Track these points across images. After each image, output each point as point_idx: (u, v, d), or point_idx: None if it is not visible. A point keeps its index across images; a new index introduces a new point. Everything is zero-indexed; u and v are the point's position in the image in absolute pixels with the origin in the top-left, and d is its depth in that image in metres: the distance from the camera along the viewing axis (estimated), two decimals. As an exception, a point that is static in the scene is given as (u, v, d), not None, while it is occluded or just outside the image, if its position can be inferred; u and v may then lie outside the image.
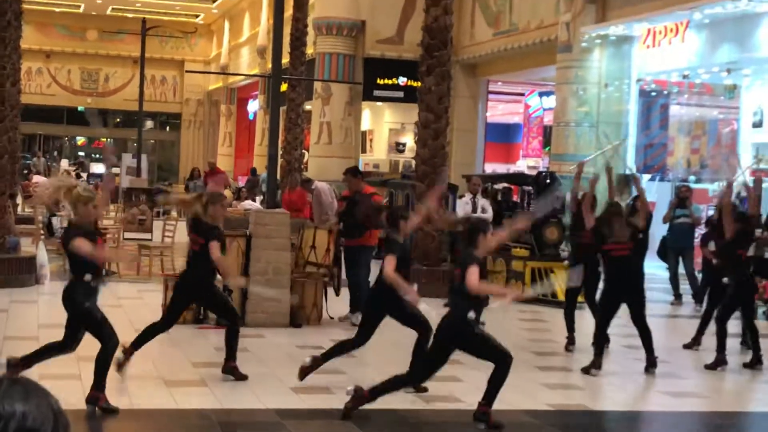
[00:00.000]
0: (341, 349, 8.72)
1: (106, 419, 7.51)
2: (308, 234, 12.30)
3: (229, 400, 8.03)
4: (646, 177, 20.98)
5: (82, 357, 9.13)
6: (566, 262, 12.11)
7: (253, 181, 30.99)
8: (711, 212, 17.59)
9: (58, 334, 10.51)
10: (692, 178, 20.70)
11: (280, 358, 9.85)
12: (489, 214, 14.70)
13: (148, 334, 8.86)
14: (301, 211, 17.65)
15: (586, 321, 11.93)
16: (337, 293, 12.39)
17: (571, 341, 11.27)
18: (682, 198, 15.86)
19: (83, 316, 7.65)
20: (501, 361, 7.46)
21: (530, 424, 7.89)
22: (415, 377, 7.61)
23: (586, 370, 9.79)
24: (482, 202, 14.73)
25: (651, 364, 9.99)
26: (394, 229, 8.68)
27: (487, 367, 9.73)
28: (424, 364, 7.58)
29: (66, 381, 8.08)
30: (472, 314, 7.42)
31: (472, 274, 7.40)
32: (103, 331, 7.60)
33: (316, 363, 8.60)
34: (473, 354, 7.63)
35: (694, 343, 11.53)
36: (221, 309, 9.03)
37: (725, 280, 10.65)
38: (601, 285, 11.56)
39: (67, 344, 7.85)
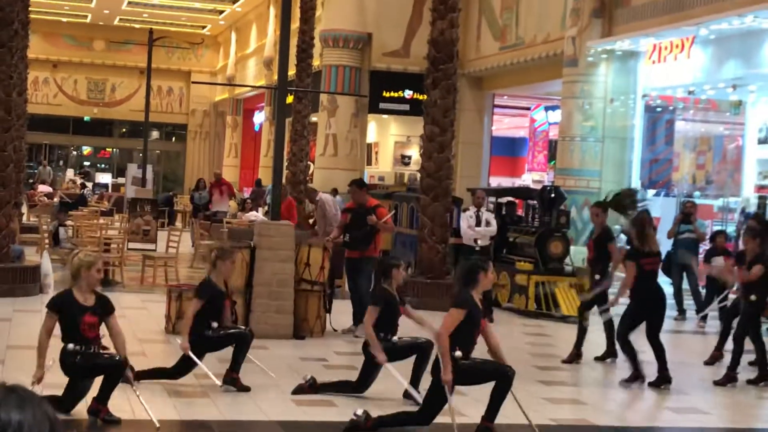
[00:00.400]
0: (342, 388, 8.75)
1: (107, 430, 7.49)
2: (303, 251, 12.24)
3: (231, 411, 8.02)
4: (651, 192, 20.98)
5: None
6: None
7: (257, 192, 30.99)
8: (716, 228, 17.60)
9: (61, 344, 10.51)
10: (697, 193, 20.69)
11: (283, 369, 9.83)
12: (493, 228, 14.68)
13: (156, 374, 8.86)
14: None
15: (593, 335, 11.91)
16: (328, 310, 12.34)
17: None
18: (686, 213, 15.85)
19: (78, 373, 7.55)
20: (502, 376, 7.44)
21: (533, 438, 7.85)
22: (422, 418, 7.58)
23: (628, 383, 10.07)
24: (486, 215, 14.70)
25: (665, 379, 10.00)
26: (387, 279, 8.68)
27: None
28: (428, 405, 7.56)
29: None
30: (458, 353, 7.38)
31: (446, 318, 7.42)
32: (103, 365, 7.52)
33: (314, 389, 8.63)
34: (473, 384, 7.62)
35: (715, 360, 11.49)
36: (231, 341, 8.97)
37: (752, 297, 10.60)
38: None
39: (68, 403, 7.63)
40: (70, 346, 7.46)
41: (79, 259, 7.57)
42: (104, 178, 44.81)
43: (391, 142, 31.30)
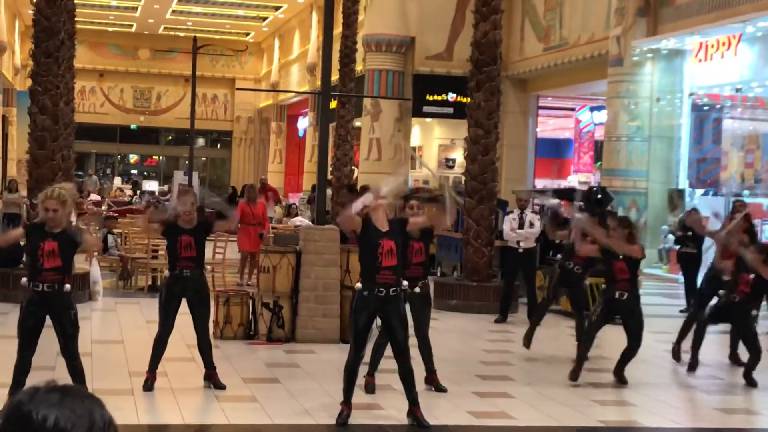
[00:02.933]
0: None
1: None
2: (342, 258, 12.21)
3: (279, 415, 8.03)
4: (699, 192, 20.77)
5: (134, 372, 9.21)
6: None
7: (309, 197, 31.12)
8: (766, 227, 17.37)
9: (111, 350, 10.63)
10: (746, 192, 20.44)
11: (330, 373, 9.83)
12: (536, 229, 14.57)
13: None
14: (262, 226, 17.54)
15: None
16: None
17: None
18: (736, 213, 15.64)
19: None
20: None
21: (582, 441, 7.80)
22: None
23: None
24: (530, 216, 14.60)
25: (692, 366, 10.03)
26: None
27: (539, 383, 9.68)
28: None
29: (118, 396, 8.13)
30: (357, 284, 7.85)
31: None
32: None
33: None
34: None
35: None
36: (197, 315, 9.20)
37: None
38: None
39: None
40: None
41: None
42: (151, 185, 45.21)
43: (435, 146, 31.26)
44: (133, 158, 51.80)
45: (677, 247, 16.77)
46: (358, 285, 7.79)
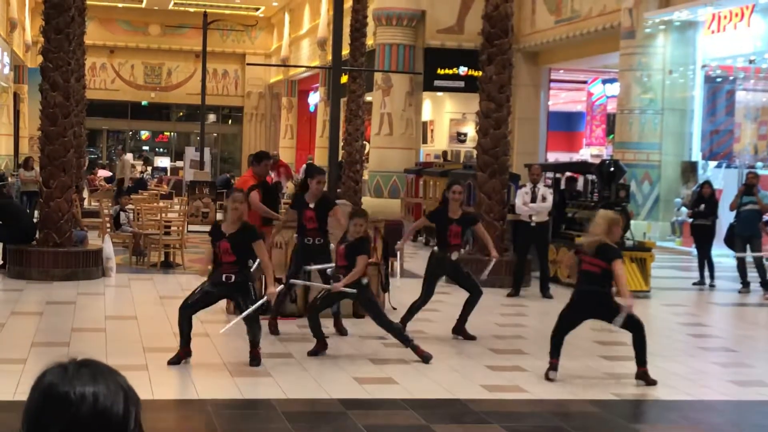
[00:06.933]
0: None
1: (170, 411, 7.56)
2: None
3: (293, 390, 8.05)
4: (712, 164, 20.69)
5: (148, 348, 9.25)
6: None
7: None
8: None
9: (125, 326, 10.67)
10: (759, 164, 20.36)
11: (343, 348, 9.86)
12: (548, 203, 14.53)
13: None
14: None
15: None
16: (386, 289, 12.27)
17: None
18: (749, 185, 15.60)
19: None
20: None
21: (596, 414, 7.80)
22: None
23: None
24: (543, 190, 14.56)
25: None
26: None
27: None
28: None
29: (133, 372, 8.16)
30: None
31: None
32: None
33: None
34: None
35: None
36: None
37: None
38: None
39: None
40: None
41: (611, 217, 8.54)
42: (163, 161, 45.25)
43: (447, 120, 31.21)
44: (144, 134, 51.83)
45: (690, 220, 16.73)
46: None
